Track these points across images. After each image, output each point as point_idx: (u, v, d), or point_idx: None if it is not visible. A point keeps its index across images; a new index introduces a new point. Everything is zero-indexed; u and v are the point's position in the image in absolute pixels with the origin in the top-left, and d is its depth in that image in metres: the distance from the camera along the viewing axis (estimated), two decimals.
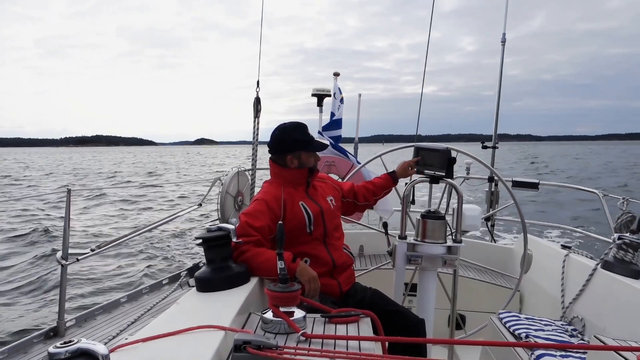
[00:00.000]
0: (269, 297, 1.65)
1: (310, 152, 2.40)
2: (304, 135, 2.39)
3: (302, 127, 2.42)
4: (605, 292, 2.59)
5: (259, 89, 3.78)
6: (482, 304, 3.66)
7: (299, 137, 2.38)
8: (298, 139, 2.37)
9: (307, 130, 2.43)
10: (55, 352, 0.96)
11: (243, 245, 2.12)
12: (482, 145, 5.46)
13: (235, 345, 1.26)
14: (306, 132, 2.41)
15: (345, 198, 2.68)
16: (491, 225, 5.30)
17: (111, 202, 17.29)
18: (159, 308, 2.90)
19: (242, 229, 2.18)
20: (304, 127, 2.43)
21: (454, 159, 2.63)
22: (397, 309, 2.33)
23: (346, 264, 2.43)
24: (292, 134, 2.38)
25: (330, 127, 4.68)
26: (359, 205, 2.76)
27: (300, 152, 2.37)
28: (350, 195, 2.70)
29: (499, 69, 5.34)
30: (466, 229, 3.45)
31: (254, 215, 2.23)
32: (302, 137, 2.38)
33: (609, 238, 2.91)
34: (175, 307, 1.71)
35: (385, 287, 2.59)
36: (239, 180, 4.26)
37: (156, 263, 8.66)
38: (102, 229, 11.77)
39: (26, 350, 2.72)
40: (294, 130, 2.39)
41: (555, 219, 13.09)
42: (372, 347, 1.50)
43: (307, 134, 2.41)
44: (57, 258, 2.99)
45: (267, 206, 2.27)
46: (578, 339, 2.49)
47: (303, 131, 2.40)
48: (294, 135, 2.38)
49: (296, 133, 2.39)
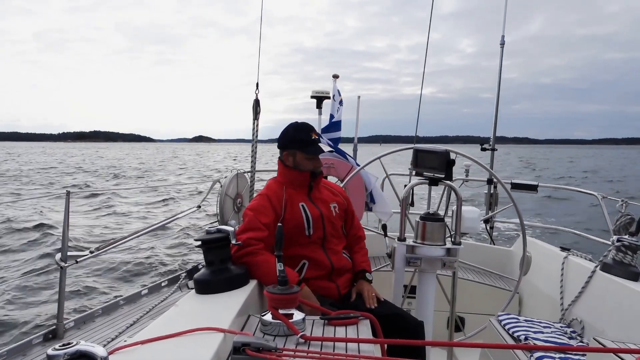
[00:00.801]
0: (268, 299, 1.65)
1: (304, 153, 2.37)
2: (303, 136, 2.38)
3: (306, 128, 2.41)
4: (604, 294, 2.59)
5: (258, 91, 3.79)
6: (481, 306, 3.66)
7: (299, 136, 2.38)
8: (296, 138, 2.38)
9: (311, 132, 2.40)
10: (54, 354, 0.96)
11: (253, 245, 2.12)
12: (482, 147, 5.46)
13: (234, 348, 1.26)
14: (308, 133, 2.40)
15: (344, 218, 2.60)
16: (490, 227, 5.31)
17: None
18: (158, 310, 2.90)
19: (252, 222, 2.18)
20: (309, 129, 2.42)
21: (453, 161, 2.63)
22: (396, 311, 2.33)
23: (345, 267, 2.43)
24: (294, 131, 2.40)
25: (329, 128, 4.69)
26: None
27: (295, 151, 2.38)
28: (348, 221, 2.62)
29: (498, 71, 5.34)
30: (465, 231, 3.45)
31: (261, 211, 2.24)
32: (301, 136, 2.38)
33: (608, 240, 2.91)
34: (174, 309, 1.71)
35: (385, 289, 2.59)
36: (238, 183, 4.26)
37: (155, 265, 8.65)
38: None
39: (25, 352, 2.72)
40: (297, 129, 2.40)
41: (554, 221, 13.10)
42: (371, 349, 1.50)
43: (309, 135, 2.39)
44: (56, 260, 2.99)
45: (270, 203, 2.29)
46: (577, 341, 2.48)
47: (305, 132, 2.40)
48: (295, 133, 2.39)
49: (298, 132, 2.39)
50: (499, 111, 5.35)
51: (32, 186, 23.39)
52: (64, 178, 28.96)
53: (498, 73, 5.35)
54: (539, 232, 8.52)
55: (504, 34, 5.29)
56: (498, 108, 5.40)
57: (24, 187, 23.03)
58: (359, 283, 2.43)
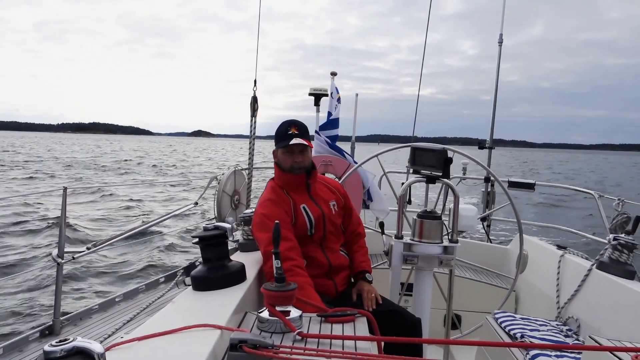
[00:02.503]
0: (265, 296, 1.65)
1: (283, 149, 2.32)
2: (280, 131, 2.32)
3: (285, 123, 2.34)
4: (601, 293, 2.60)
5: (256, 88, 3.78)
6: (478, 304, 3.67)
7: (277, 132, 2.34)
8: (276, 134, 2.34)
9: (290, 127, 2.31)
10: (51, 351, 0.95)
11: (293, 260, 2.11)
12: (479, 146, 5.48)
13: (231, 344, 1.26)
14: (286, 127, 2.31)
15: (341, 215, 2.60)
16: (487, 226, 5.32)
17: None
18: (155, 307, 2.90)
19: (287, 241, 2.13)
20: (288, 123, 2.33)
21: (450, 159, 2.63)
22: (393, 309, 2.33)
23: (343, 265, 2.44)
24: (278, 129, 2.35)
25: (327, 126, 4.68)
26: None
27: (277, 149, 2.36)
28: (346, 218, 2.61)
29: (496, 69, 5.37)
30: (462, 229, 3.46)
31: (283, 219, 2.18)
32: (279, 131, 2.33)
33: (605, 239, 2.92)
34: (171, 305, 1.71)
35: (382, 287, 2.59)
36: (235, 179, 4.25)
37: (152, 261, 8.63)
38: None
39: (21, 348, 2.71)
40: (280, 126, 2.35)
41: (551, 219, 13.14)
42: (368, 346, 1.50)
43: (286, 129, 2.30)
44: (52, 256, 2.98)
45: (281, 208, 2.27)
46: (573, 339, 2.50)
47: (284, 126, 2.32)
48: (277, 130, 2.35)
49: (278, 129, 2.34)
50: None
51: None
52: (133, 175, 29.01)
53: (496, 71, 5.37)
54: (536, 230, 8.54)
55: (502, 32, 5.32)
56: (496, 106, 5.42)
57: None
58: (359, 284, 2.42)
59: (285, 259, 1.99)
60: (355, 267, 2.48)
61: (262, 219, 2.23)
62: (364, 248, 2.59)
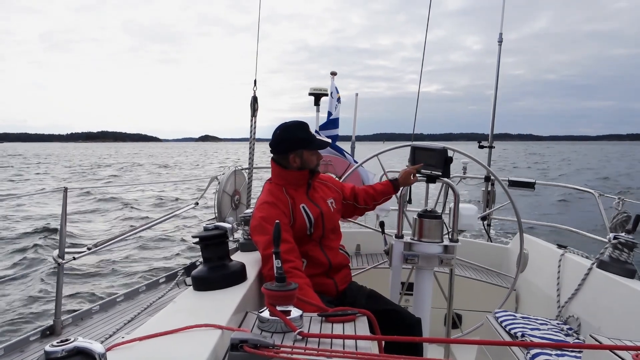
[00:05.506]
0: (266, 295, 1.65)
1: (312, 150, 2.38)
2: (306, 134, 2.38)
3: (305, 126, 2.40)
4: (601, 292, 2.60)
5: (256, 88, 3.78)
6: (479, 303, 3.67)
7: (301, 135, 2.36)
8: (300, 137, 2.36)
9: (309, 128, 2.42)
10: (52, 351, 0.95)
11: (291, 262, 2.12)
12: (479, 145, 5.47)
13: (231, 344, 1.26)
14: (308, 130, 2.40)
15: (346, 200, 2.66)
16: (487, 225, 5.32)
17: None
18: (156, 307, 2.90)
19: (284, 243, 2.12)
20: (306, 125, 2.42)
21: (450, 158, 2.63)
22: (393, 308, 2.33)
23: (342, 264, 2.44)
24: (294, 132, 2.37)
25: (327, 126, 4.69)
26: (359, 208, 2.73)
27: (302, 151, 2.36)
28: (351, 197, 2.68)
29: (496, 68, 5.36)
30: (462, 228, 3.46)
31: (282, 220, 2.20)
32: (304, 135, 2.37)
33: (605, 238, 2.92)
34: (171, 305, 1.71)
35: (382, 286, 2.60)
36: (235, 179, 4.26)
37: (153, 262, 8.64)
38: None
39: (22, 348, 2.71)
40: (297, 129, 2.38)
41: (551, 218, 13.13)
42: (369, 346, 1.50)
43: (309, 132, 2.40)
44: (53, 257, 2.98)
45: (279, 209, 2.27)
46: (573, 338, 2.50)
47: (305, 129, 2.39)
48: (297, 133, 2.36)
49: (299, 131, 2.37)
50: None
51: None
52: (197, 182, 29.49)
53: (496, 70, 5.37)
54: (536, 229, 8.54)
55: (501, 31, 5.32)
56: (496, 106, 5.42)
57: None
58: (399, 176, 2.72)
59: (283, 261, 1.99)
60: (384, 184, 2.75)
61: (260, 222, 2.23)
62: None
